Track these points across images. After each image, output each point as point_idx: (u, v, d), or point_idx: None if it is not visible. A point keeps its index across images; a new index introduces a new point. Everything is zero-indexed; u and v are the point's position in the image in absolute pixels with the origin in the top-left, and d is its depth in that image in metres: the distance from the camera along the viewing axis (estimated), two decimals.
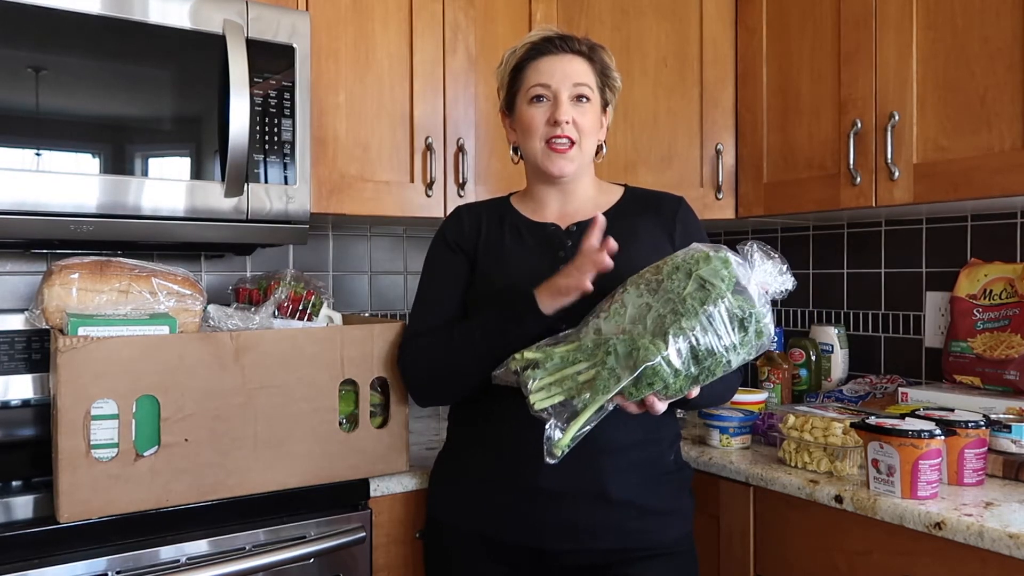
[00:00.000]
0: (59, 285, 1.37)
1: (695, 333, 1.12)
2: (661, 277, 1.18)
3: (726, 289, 1.14)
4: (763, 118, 2.00)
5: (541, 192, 1.46)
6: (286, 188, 1.65)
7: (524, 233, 1.44)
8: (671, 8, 2.08)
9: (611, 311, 1.19)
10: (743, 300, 1.15)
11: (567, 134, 1.37)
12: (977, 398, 1.66)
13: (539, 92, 1.38)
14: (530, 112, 1.39)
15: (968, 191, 1.59)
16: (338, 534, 1.46)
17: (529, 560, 1.36)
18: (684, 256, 1.19)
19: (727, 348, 1.14)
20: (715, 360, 1.14)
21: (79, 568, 1.26)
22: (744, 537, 1.59)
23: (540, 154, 1.40)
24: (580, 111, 1.38)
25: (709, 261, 1.16)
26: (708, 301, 1.13)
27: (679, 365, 1.12)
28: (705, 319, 1.13)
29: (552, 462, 1.16)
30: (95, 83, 1.47)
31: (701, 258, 1.17)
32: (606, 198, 1.47)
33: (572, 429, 1.15)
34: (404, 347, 1.49)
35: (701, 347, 1.13)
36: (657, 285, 1.18)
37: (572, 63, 1.39)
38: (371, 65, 1.88)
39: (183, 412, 1.34)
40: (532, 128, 1.39)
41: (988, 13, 1.56)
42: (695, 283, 1.15)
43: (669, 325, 1.13)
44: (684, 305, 1.13)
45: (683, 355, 1.13)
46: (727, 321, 1.14)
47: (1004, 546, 1.17)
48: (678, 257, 1.20)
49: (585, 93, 1.38)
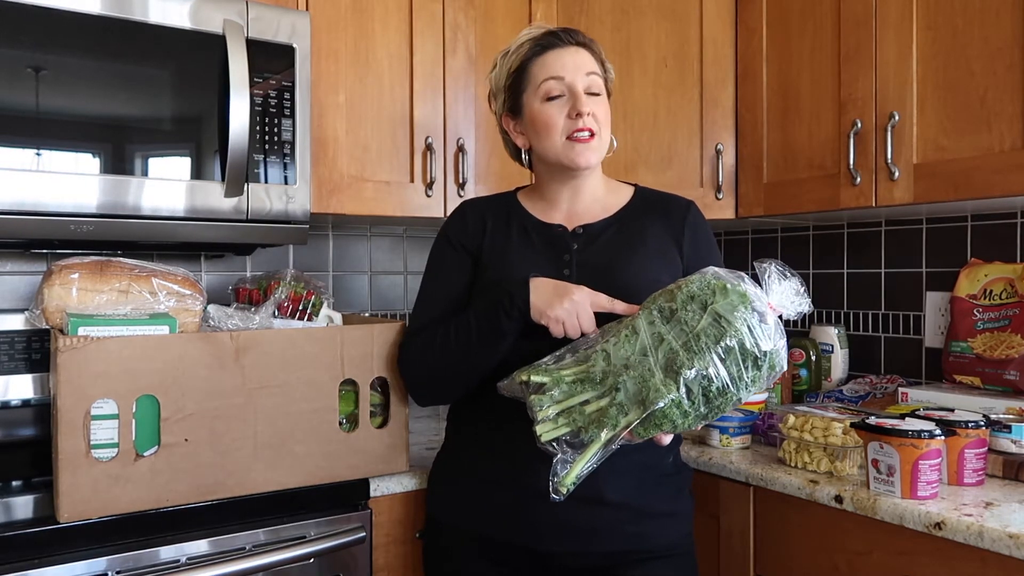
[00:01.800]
0: (59, 285, 1.37)
1: (708, 372, 1.09)
2: (675, 306, 1.14)
3: (741, 327, 1.10)
4: (763, 118, 2.00)
5: (552, 190, 1.44)
6: (286, 188, 1.65)
7: (531, 233, 1.43)
8: (671, 8, 2.08)
9: (621, 338, 1.15)
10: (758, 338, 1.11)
11: (589, 126, 1.34)
12: (977, 398, 1.66)
13: (552, 86, 1.35)
14: (547, 110, 1.36)
15: (968, 191, 1.59)
16: (338, 534, 1.46)
17: (528, 561, 1.36)
18: (700, 285, 1.15)
19: (739, 387, 1.10)
20: (726, 399, 1.11)
21: (79, 568, 1.26)
22: (744, 537, 1.59)
23: (562, 149, 1.36)
24: (595, 102, 1.36)
25: (726, 294, 1.12)
26: (724, 338, 1.09)
27: (688, 407, 1.09)
28: (718, 358, 1.09)
29: (557, 499, 1.14)
30: (95, 83, 1.47)
31: (718, 289, 1.13)
32: (615, 198, 1.45)
33: (576, 467, 1.12)
34: (403, 346, 1.49)
35: (713, 387, 1.09)
36: (671, 314, 1.14)
37: (579, 54, 1.37)
38: (371, 65, 1.88)
39: (183, 412, 1.34)
40: (551, 125, 1.35)
41: (988, 13, 1.56)
42: (710, 317, 1.11)
43: (681, 364, 1.09)
44: (698, 342, 1.10)
45: (694, 395, 1.09)
46: (741, 360, 1.10)
47: (1004, 546, 1.17)
48: (693, 285, 1.15)
49: (598, 84, 1.37)
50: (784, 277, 1.17)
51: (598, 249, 1.39)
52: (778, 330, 1.14)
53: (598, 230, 1.41)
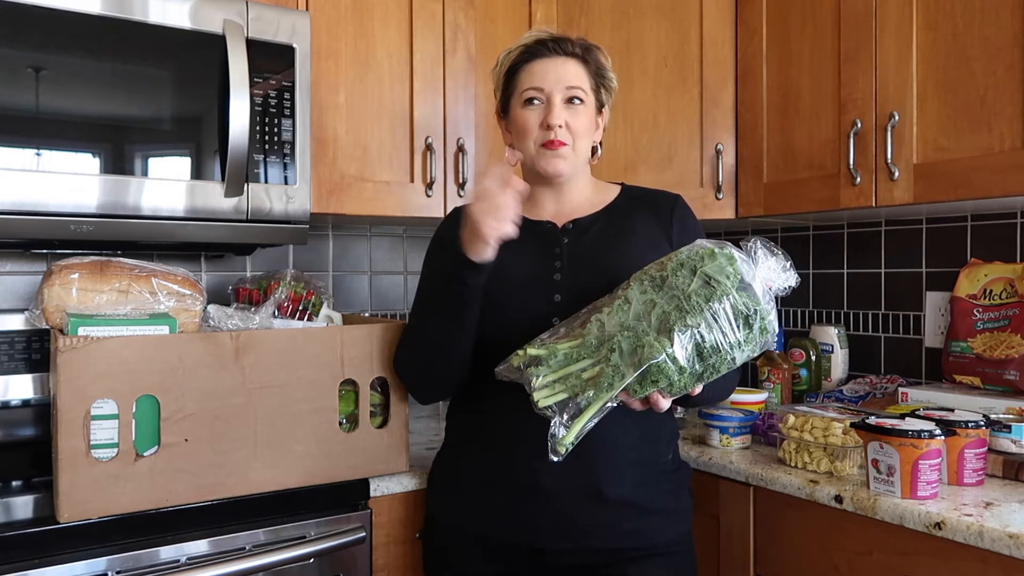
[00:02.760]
0: (59, 285, 1.37)
1: (700, 330, 1.12)
2: (666, 273, 1.18)
3: (731, 286, 1.14)
4: (763, 118, 2.00)
5: (537, 192, 1.46)
6: (286, 188, 1.65)
7: (521, 231, 1.44)
8: (671, 8, 2.08)
9: (615, 307, 1.18)
10: (748, 297, 1.15)
11: (560, 138, 1.36)
12: (977, 398, 1.66)
13: (532, 95, 1.38)
14: (524, 115, 1.39)
15: (968, 191, 1.59)
16: (338, 534, 1.46)
17: (527, 560, 1.36)
18: (689, 252, 1.19)
19: (732, 345, 1.14)
20: (720, 357, 1.14)
21: (79, 568, 1.26)
22: (744, 537, 1.59)
23: (534, 155, 1.39)
24: (573, 113, 1.37)
25: (714, 258, 1.17)
26: (713, 298, 1.13)
27: (684, 363, 1.12)
28: (710, 316, 1.13)
29: (556, 459, 1.16)
30: (95, 83, 1.47)
31: (706, 255, 1.17)
32: (602, 197, 1.47)
33: (576, 426, 1.14)
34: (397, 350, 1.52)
35: (706, 344, 1.13)
36: (662, 282, 1.18)
37: (565, 65, 1.38)
38: (371, 65, 1.88)
39: (183, 412, 1.34)
40: (526, 131, 1.39)
41: (988, 13, 1.56)
42: (700, 280, 1.15)
43: (674, 322, 1.13)
44: (689, 302, 1.13)
45: (688, 352, 1.13)
46: (732, 318, 1.14)
47: (1004, 546, 1.17)
48: (683, 253, 1.19)
49: (578, 95, 1.38)
50: (770, 253, 1.20)
51: (588, 242, 1.40)
52: (766, 295, 1.17)
53: (587, 224, 1.42)
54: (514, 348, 1.28)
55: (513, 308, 1.36)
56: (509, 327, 1.35)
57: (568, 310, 1.29)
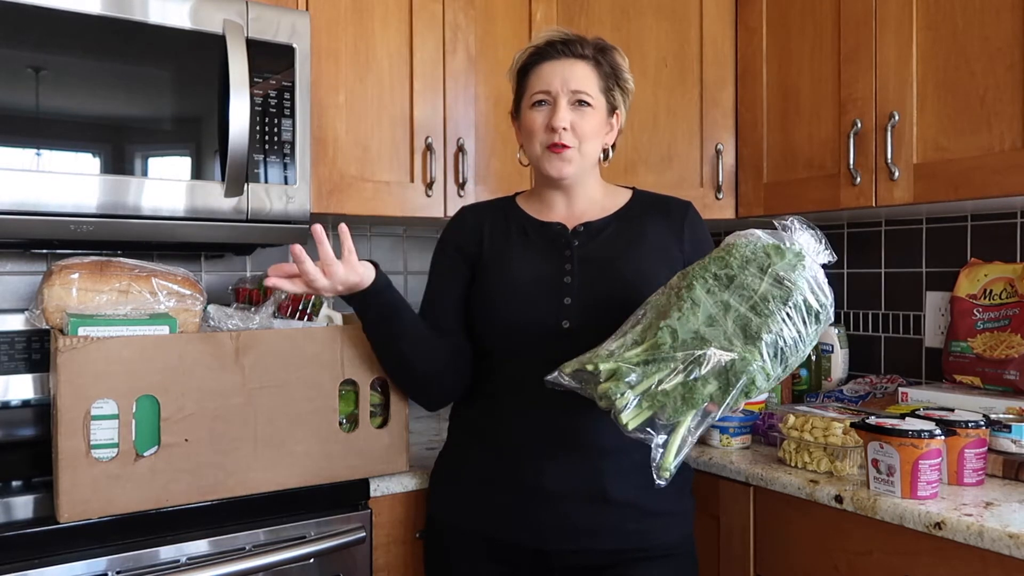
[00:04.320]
0: (59, 285, 1.37)
1: (782, 333, 1.11)
2: (732, 272, 1.14)
3: (803, 283, 1.13)
4: (763, 118, 2.00)
5: (546, 194, 1.46)
6: (286, 188, 1.65)
7: (530, 232, 1.44)
8: (671, 8, 2.08)
9: (684, 311, 1.13)
10: (817, 290, 1.14)
11: (564, 141, 1.36)
12: (977, 398, 1.66)
13: (540, 98, 1.38)
14: (531, 116, 1.39)
15: (968, 191, 1.59)
16: (338, 534, 1.46)
17: (529, 560, 1.36)
18: (752, 248, 1.16)
19: (805, 343, 1.13)
20: (797, 357, 1.13)
21: (79, 568, 1.26)
22: (744, 537, 1.59)
23: (540, 157, 1.39)
24: (580, 115, 1.37)
25: (782, 255, 1.14)
26: (790, 299, 1.11)
27: (770, 369, 1.10)
28: (787, 318, 1.11)
29: (662, 484, 1.12)
30: (95, 83, 1.47)
31: (772, 251, 1.15)
32: (613, 200, 1.46)
33: (672, 449, 1.10)
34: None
35: (786, 346, 1.11)
36: (728, 280, 1.14)
37: (573, 68, 1.38)
38: (371, 65, 1.88)
39: (183, 412, 1.34)
40: (532, 132, 1.39)
41: (988, 13, 1.56)
42: (771, 279, 1.13)
43: (758, 328, 1.10)
44: (767, 305, 1.11)
45: (775, 358, 1.11)
46: (806, 316, 1.12)
47: (1004, 546, 1.17)
48: (744, 248, 1.16)
49: (585, 98, 1.37)
50: (807, 228, 1.20)
51: (599, 245, 1.40)
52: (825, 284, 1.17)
53: (598, 227, 1.42)
54: (521, 350, 1.28)
55: (521, 308, 1.36)
56: (516, 327, 1.36)
57: (579, 314, 1.29)
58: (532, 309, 1.35)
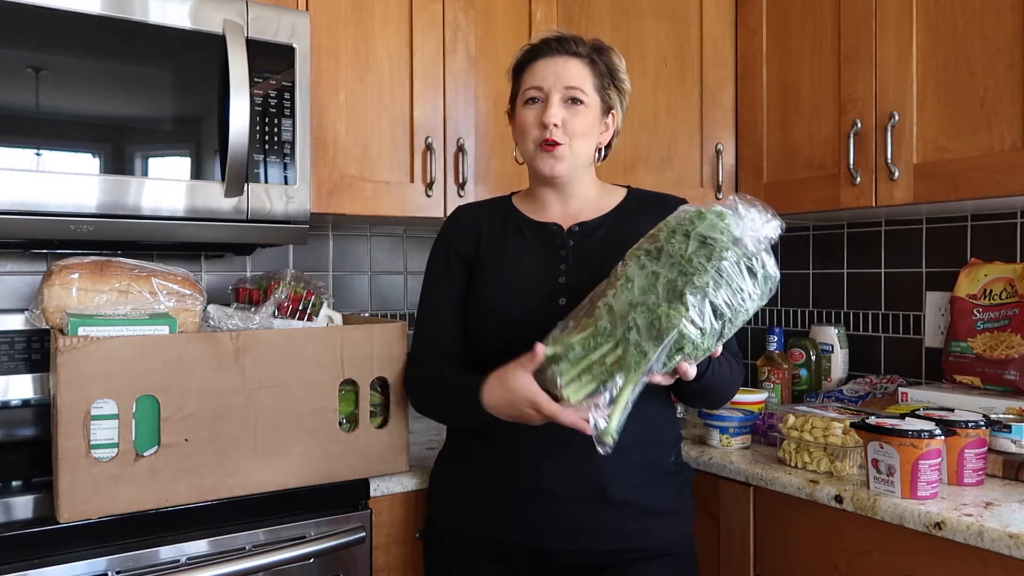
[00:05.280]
0: (59, 285, 1.37)
1: (709, 289, 1.13)
2: (660, 244, 1.18)
3: (728, 241, 1.15)
4: (763, 118, 2.00)
5: (541, 193, 1.46)
6: (286, 188, 1.65)
7: (526, 232, 1.44)
8: (671, 8, 2.08)
9: (618, 287, 1.18)
10: (744, 248, 1.16)
11: (555, 137, 1.36)
12: (977, 398, 1.66)
13: (533, 94, 1.38)
14: (524, 113, 1.40)
15: (968, 191, 1.59)
16: (338, 534, 1.46)
17: (529, 560, 1.36)
18: (677, 219, 1.20)
19: (743, 297, 1.15)
20: (734, 311, 1.14)
21: (79, 568, 1.26)
22: (744, 537, 1.59)
23: (532, 154, 1.40)
24: (572, 113, 1.37)
25: (703, 217, 1.17)
26: (714, 256, 1.14)
27: (702, 324, 1.12)
28: (715, 273, 1.13)
29: (605, 451, 1.15)
30: (95, 83, 1.47)
31: (695, 216, 1.18)
32: (608, 199, 1.46)
33: (616, 414, 1.14)
34: (408, 367, 1.53)
35: (719, 301, 1.13)
36: (658, 253, 1.18)
37: (567, 65, 1.38)
38: (371, 65, 1.88)
39: (183, 412, 1.34)
40: (524, 129, 1.39)
41: (988, 13, 1.56)
42: (696, 241, 1.15)
43: (683, 287, 1.13)
44: (691, 264, 1.14)
45: (704, 313, 1.13)
46: (737, 271, 1.14)
47: (1004, 546, 1.17)
48: (671, 221, 1.20)
49: (578, 96, 1.37)
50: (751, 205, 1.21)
51: (594, 246, 1.40)
52: (759, 244, 1.18)
53: (593, 227, 1.42)
54: (517, 350, 1.28)
55: (517, 309, 1.36)
56: (512, 328, 1.35)
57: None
58: (528, 309, 1.35)
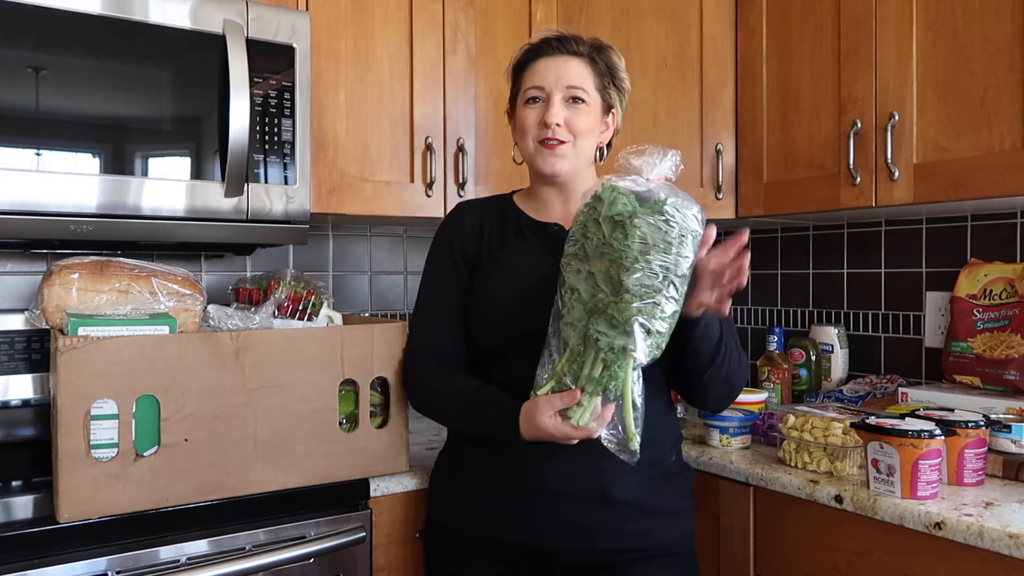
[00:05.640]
0: (59, 285, 1.37)
1: (641, 264, 1.12)
2: (581, 243, 1.19)
3: (632, 208, 1.15)
4: (763, 118, 2.00)
5: (542, 192, 1.46)
6: (286, 188, 1.65)
7: (527, 232, 1.44)
8: (671, 8, 2.08)
9: (570, 303, 1.19)
10: (652, 203, 1.15)
11: (558, 136, 1.36)
12: (977, 398, 1.66)
13: (534, 94, 1.39)
14: (524, 113, 1.40)
15: (968, 191, 1.59)
16: (338, 534, 1.46)
17: (530, 560, 1.36)
18: (582, 211, 1.21)
19: (676, 250, 1.14)
20: (676, 265, 1.14)
21: (79, 568, 1.26)
22: (744, 537, 1.59)
23: (533, 153, 1.40)
24: (574, 112, 1.37)
25: (600, 200, 1.18)
26: (629, 231, 1.13)
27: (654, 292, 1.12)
28: (638, 243, 1.13)
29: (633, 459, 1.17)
30: (95, 83, 1.47)
31: (594, 203, 1.19)
32: None
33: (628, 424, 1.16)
34: (408, 362, 1.51)
35: (655, 266, 1.13)
36: (585, 253, 1.19)
37: (568, 64, 1.38)
38: (371, 65, 1.88)
39: (183, 412, 1.34)
40: (525, 128, 1.40)
41: (988, 13, 1.56)
42: (607, 226, 1.16)
43: (618, 273, 1.13)
44: (613, 249, 1.14)
45: (650, 281, 1.12)
46: (658, 231, 1.13)
47: (1004, 546, 1.17)
48: (579, 216, 1.22)
49: (579, 95, 1.37)
50: (639, 155, 1.22)
51: None
52: (664, 188, 1.18)
53: None
54: (519, 351, 1.29)
55: (520, 310, 1.36)
56: (515, 329, 1.35)
57: None
58: (530, 311, 1.35)
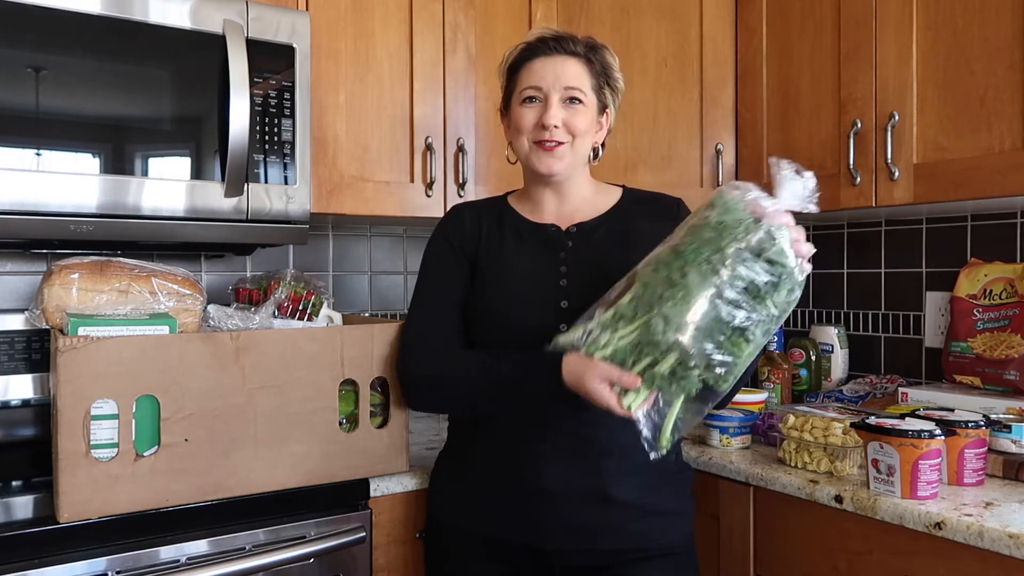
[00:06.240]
0: (59, 285, 1.37)
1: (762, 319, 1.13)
2: (721, 257, 1.15)
3: (743, 233, 1.15)
4: (763, 118, 2.00)
5: (537, 192, 1.45)
6: (286, 188, 1.65)
7: (524, 234, 1.44)
8: (671, 8, 2.08)
9: (676, 299, 1.14)
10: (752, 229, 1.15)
11: (556, 137, 1.36)
12: (977, 398, 1.66)
13: (531, 94, 1.38)
14: (521, 112, 1.38)
15: (968, 191, 1.59)
16: (338, 534, 1.46)
17: (530, 560, 1.36)
18: (741, 226, 1.18)
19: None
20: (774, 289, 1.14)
21: (79, 568, 1.26)
22: (744, 537, 1.59)
23: (528, 152, 1.39)
24: (572, 112, 1.37)
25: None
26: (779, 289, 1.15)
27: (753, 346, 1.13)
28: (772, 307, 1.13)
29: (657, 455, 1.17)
30: (95, 83, 1.47)
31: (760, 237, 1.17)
32: (604, 199, 1.46)
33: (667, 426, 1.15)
34: (403, 353, 1.47)
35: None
36: (717, 269, 1.14)
37: (565, 64, 1.37)
38: (371, 65, 1.88)
39: (183, 412, 1.34)
40: (521, 128, 1.38)
41: (988, 13, 1.56)
42: (764, 263, 1.16)
43: (743, 329, 1.13)
44: (761, 304, 1.14)
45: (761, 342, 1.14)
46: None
47: (1004, 546, 1.17)
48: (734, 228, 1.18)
49: (577, 95, 1.37)
50: (797, 176, 1.22)
51: (592, 247, 1.39)
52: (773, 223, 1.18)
53: (591, 228, 1.41)
54: None
55: (519, 312, 1.36)
56: (514, 331, 1.35)
57: (576, 317, 1.28)
58: (530, 313, 1.35)
